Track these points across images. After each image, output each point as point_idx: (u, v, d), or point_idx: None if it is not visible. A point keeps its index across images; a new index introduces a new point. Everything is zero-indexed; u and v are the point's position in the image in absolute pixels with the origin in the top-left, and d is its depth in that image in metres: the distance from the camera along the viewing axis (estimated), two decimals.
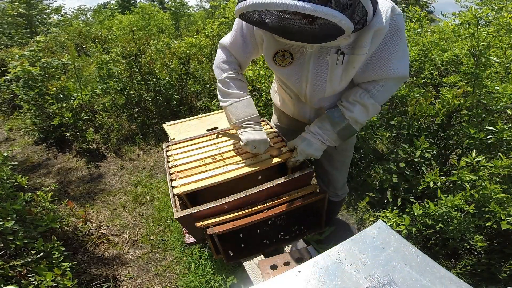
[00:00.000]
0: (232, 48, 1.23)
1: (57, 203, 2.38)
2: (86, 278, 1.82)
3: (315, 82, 1.10)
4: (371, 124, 2.20)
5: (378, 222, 0.94)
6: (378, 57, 1.02)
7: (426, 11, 5.54)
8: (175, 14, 9.16)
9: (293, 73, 1.12)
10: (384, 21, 0.91)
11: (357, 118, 1.12)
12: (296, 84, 1.16)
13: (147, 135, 3.40)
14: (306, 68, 1.08)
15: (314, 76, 1.09)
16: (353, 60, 1.00)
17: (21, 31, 6.60)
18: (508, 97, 1.68)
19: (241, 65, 1.28)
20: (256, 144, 1.19)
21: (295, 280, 0.80)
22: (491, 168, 1.49)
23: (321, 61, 1.04)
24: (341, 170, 1.59)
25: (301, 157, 1.21)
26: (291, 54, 1.08)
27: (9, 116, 4.13)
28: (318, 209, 1.30)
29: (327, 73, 1.06)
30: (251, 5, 0.76)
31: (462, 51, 2.09)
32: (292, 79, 1.15)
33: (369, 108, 1.11)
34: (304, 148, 1.19)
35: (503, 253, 1.60)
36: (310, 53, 1.03)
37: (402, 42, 1.00)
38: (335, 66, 1.02)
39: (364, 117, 1.13)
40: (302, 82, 1.13)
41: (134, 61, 3.34)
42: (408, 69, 1.05)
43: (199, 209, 1.09)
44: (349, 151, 1.53)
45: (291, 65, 1.10)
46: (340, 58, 0.99)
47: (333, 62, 1.01)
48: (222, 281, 1.74)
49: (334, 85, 1.09)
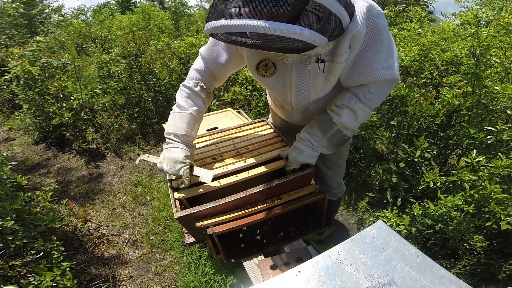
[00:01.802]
0: (206, 59, 1.17)
1: (57, 203, 2.38)
2: (85, 278, 1.82)
3: (298, 91, 1.09)
4: (371, 124, 2.20)
5: (378, 222, 0.94)
6: (361, 62, 0.98)
7: (426, 11, 5.55)
8: (175, 14, 9.16)
9: (276, 82, 1.10)
10: (359, 25, 0.86)
11: (345, 123, 1.09)
12: (281, 94, 1.15)
13: (147, 135, 3.40)
14: (288, 78, 1.06)
15: (297, 86, 1.07)
16: (332, 68, 0.98)
17: (21, 30, 6.61)
18: (508, 97, 1.68)
19: (216, 76, 1.21)
20: (169, 162, 1.07)
21: (295, 280, 0.80)
22: (491, 168, 1.49)
23: (302, 70, 1.02)
24: (334, 170, 1.58)
25: (295, 165, 1.19)
26: (273, 64, 1.05)
27: (9, 116, 4.13)
28: (318, 209, 1.30)
29: (309, 81, 1.05)
30: (216, 28, 0.74)
31: (462, 51, 2.09)
32: (277, 89, 1.13)
33: (358, 113, 1.08)
34: (296, 157, 1.16)
35: (503, 253, 1.60)
36: (292, 62, 1.01)
37: (385, 44, 0.95)
38: (317, 74, 1.01)
39: (352, 122, 1.10)
40: (287, 91, 1.12)
41: (134, 61, 3.34)
42: (395, 71, 1.00)
43: (199, 209, 1.09)
44: (342, 151, 1.51)
45: (274, 74, 1.08)
46: (321, 66, 0.97)
47: (315, 71, 1.00)
48: (222, 281, 1.74)
49: (318, 91, 1.09)
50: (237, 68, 1.25)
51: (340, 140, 1.16)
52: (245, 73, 3.16)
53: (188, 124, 1.12)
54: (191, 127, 1.13)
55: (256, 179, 1.20)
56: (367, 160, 2.34)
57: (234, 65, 1.20)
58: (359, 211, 2.21)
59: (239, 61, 1.18)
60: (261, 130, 1.49)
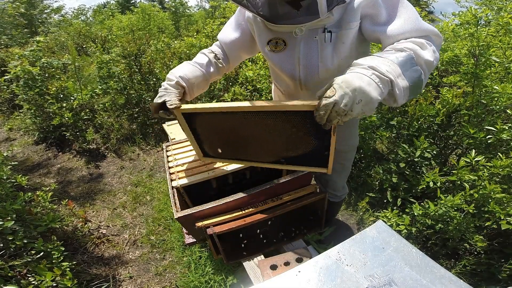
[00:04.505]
0: (220, 38, 1.26)
1: (57, 203, 2.38)
2: (86, 278, 1.82)
3: (307, 62, 1.10)
4: (371, 124, 2.20)
5: (378, 222, 0.94)
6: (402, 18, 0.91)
7: (426, 11, 5.55)
8: (175, 14, 9.15)
9: (286, 57, 1.13)
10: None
11: (416, 50, 0.82)
12: (289, 68, 1.15)
13: (147, 135, 3.40)
14: (297, 51, 1.09)
15: (305, 57, 1.09)
16: (341, 35, 1.00)
17: (21, 31, 6.61)
18: (508, 97, 1.68)
19: (228, 55, 1.27)
20: (153, 106, 1.06)
21: (295, 280, 0.80)
22: (491, 168, 1.49)
23: (310, 41, 1.06)
24: (341, 173, 1.55)
25: (340, 95, 0.70)
26: (283, 41, 1.10)
27: (9, 116, 4.13)
28: (318, 209, 1.30)
29: (317, 52, 1.07)
30: None
31: (462, 51, 2.09)
32: (286, 64, 1.15)
33: (424, 42, 0.84)
34: (350, 80, 0.71)
35: (503, 253, 1.60)
36: (301, 36, 1.06)
37: (407, 4, 0.92)
38: (324, 44, 1.03)
39: (422, 51, 0.83)
40: (295, 65, 1.13)
41: (134, 61, 3.34)
42: (431, 27, 0.89)
43: (199, 209, 1.09)
44: (349, 153, 1.49)
45: (284, 50, 1.11)
46: (327, 36, 1.00)
47: (322, 40, 1.03)
48: (222, 281, 1.74)
49: (326, 62, 1.08)
50: (247, 50, 1.29)
51: (414, 75, 0.80)
52: (245, 73, 3.16)
53: (180, 70, 1.12)
54: (180, 72, 1.11)
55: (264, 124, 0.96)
56: (367, 160, 2.34)
57: (245, 46, 1.25)
58: (359, 211, 2.21)
59: (249, 41, 1.23)
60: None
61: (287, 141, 0.98)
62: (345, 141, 1.43)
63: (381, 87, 0.73)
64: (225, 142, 1.13)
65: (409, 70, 0.79)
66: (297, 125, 0.90)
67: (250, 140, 1.05)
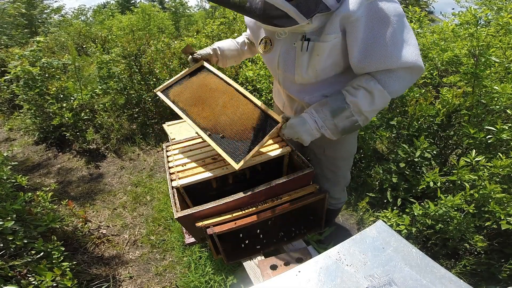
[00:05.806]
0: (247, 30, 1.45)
1: (57, 203, 2.38)
2: (86, 278, 1.82)
3: (284, 67, 1.14)
4: (371, 124, 2.20)
5: (378, 222, 0.94)
6: (371, 47, 0.94)
7: (426, 11, 5.54)
8: (175, 14, 9.14)
9: (270, 58, 1.19)
10: (351, 8, 0.87)
11: (360, 105, 1.01)
12: (272, 70, 1.24)
13: (147, 135, 3.40)
14: (278, 54, 1.14)
15: (284, 62, 1.13)
16: (317, 47, 1.00)
17: (21, 31, 6.60)
18: (508, 97, 1.68)
19: (251, 40, 1.47)
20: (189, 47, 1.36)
21: (295, 280, 0.80)
22: (491, 168, 1.49)
23: (290, 47, 1.08)
24: (333, 181, 1.47)
25: (288, 131, 1.09)
26: (271, 42, 1.15)
27: (9, 116, 4.13)
28: (318, 209, 1.30)
29: (294, 59, 1.09)
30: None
31: (462, 51, 2.09)
32: (270, 64, 1.23)
33: (375, 95, 0.99)
34: (295, 124, 1.07)
35: (503, 253, 1.60)
36: (283, 40, 1.09)
37: (393, 29, 0.91)
38: (300, 53, 1.04)
39: (367, 106, 1.01)
40: (276, 67, 1.18)
41: (134, 61, 3.34)
42: (413, 57, 0.94)
43: (199, 209, 1.09)
44: (340, 160, 1.40)
45: (270, 51, 1.17)
46: (305, 44, 1.01)
47: (299, 48, 1.04)
48: (222, 281, 1.74)
49: (302, 72, 1.09)
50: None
51: (349, 125, 1.06)
52: (245, 73, 3.16)
53: (207, 49, 1.38)
54: (228, 45, 1.42)
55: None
56: (367, 160, 2.34)
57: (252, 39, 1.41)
58: (359, 211, 2.21)
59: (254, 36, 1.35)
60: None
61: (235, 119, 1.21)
62: (332, 147, 1.36)
63: (315, 134, 1.10)
64: (192, 95, 1.30)
65: (343, 122, 1.06)
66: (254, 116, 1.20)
67: (209, 101, 1.26)
